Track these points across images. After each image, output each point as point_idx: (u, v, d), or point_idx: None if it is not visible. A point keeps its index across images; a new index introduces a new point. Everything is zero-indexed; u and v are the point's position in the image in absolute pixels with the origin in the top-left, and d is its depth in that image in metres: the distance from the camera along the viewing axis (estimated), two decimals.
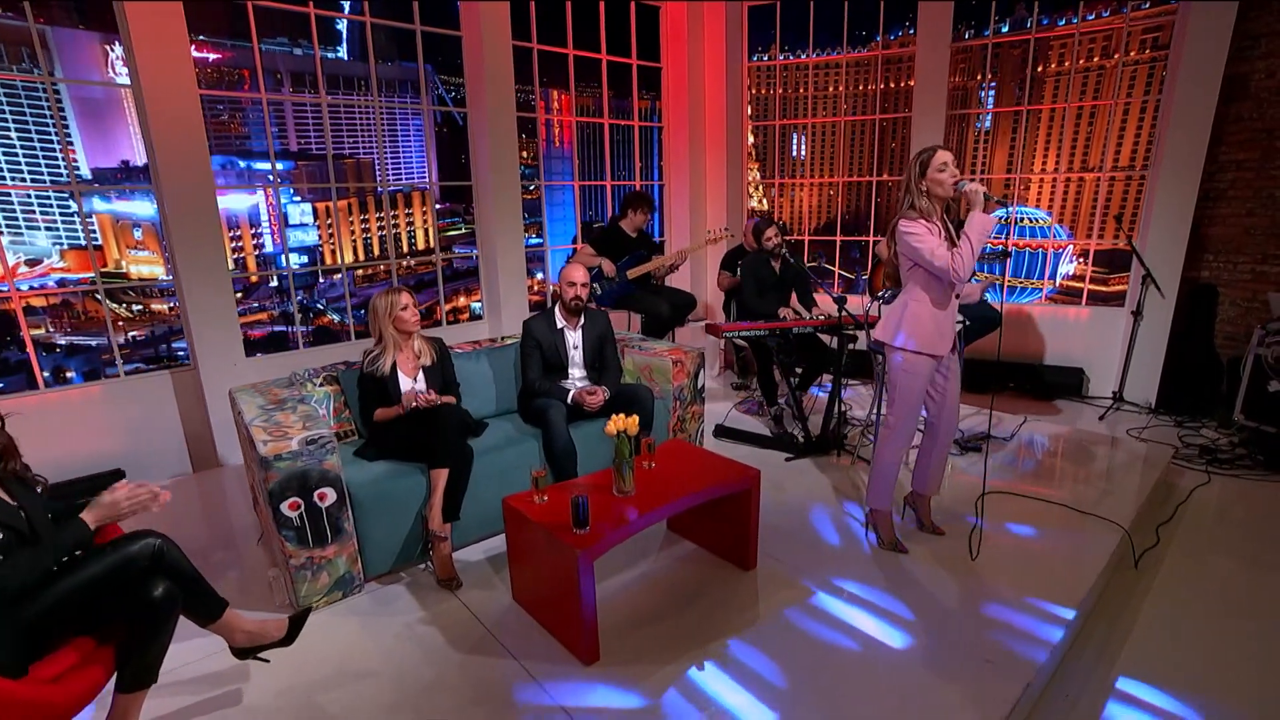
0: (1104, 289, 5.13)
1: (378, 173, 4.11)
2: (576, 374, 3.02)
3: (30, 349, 3.00)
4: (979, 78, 5.42)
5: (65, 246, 3.30)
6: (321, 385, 2.79)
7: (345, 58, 3.97)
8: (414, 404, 2.56)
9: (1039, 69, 5.14)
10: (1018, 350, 5.10)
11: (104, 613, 1.53)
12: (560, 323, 2.98)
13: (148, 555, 1.56)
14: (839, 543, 2.64)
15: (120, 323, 3.73)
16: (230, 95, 3.57)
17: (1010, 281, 5.41)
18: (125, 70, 3.01)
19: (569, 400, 2.85)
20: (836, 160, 6.07)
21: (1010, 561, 2.47)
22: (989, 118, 5.39)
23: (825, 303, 3.97)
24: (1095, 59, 4.82)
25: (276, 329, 4.35)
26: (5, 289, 2.91)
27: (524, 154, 5.30)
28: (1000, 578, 2.36)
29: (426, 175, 4.39)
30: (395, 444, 2.59)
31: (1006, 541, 2.62)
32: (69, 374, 3.40)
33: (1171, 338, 4.50)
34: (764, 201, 6.42)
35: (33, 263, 3.32)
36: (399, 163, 4.53)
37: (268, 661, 1.90)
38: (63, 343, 3.36)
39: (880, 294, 4.08)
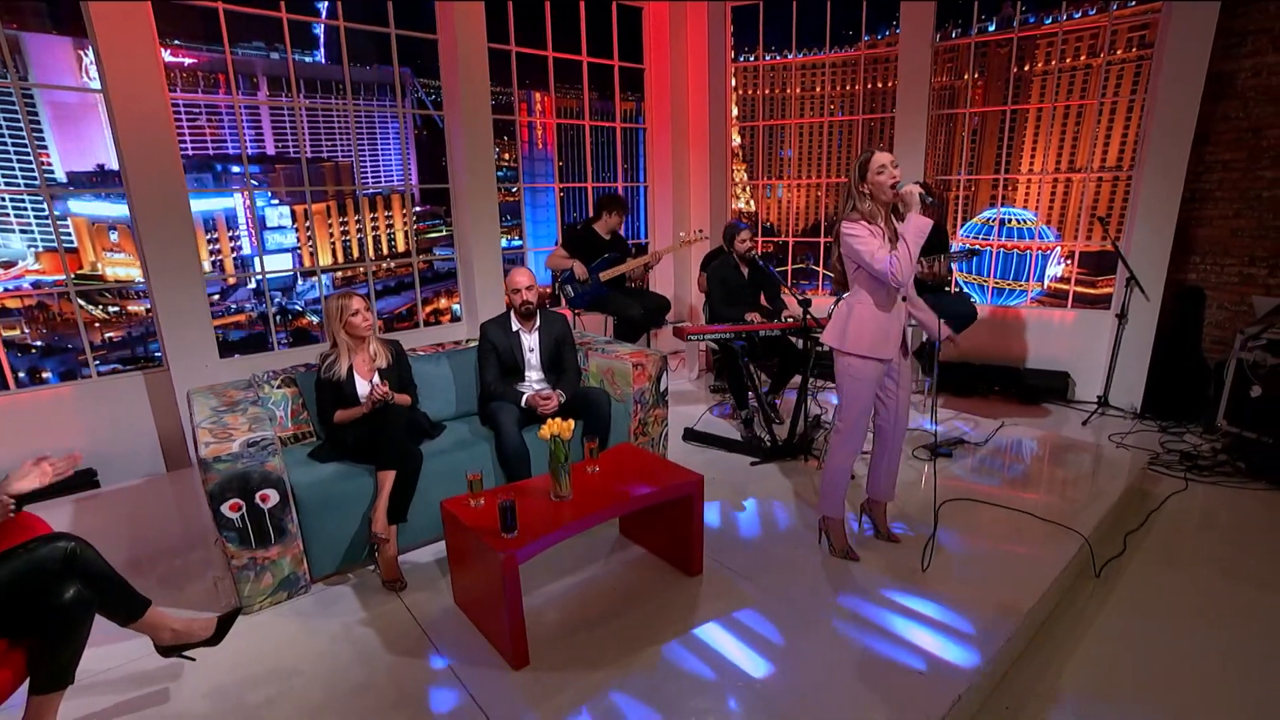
0: (1091, 291, 5.05)
1: (356, 176, 4.15)
2: (534, 376, 3.02)
3: None
4: (966, 77, 5.36)
5: (40, 249, 3.36)
6: (279, 387, 2.81)
7: (323, 61, 4.00)
8: (376, 398, 2.57)
9: (1025, 68, 5.07)
10: (1003, 353, 5.03)
11: (14, 616, 1.55)
12: (515, 326, 2.98)
13: (58, 559, 1.58)
14: (790, 549, 2.62)
15: (97, 324, 3.79)
16: (201, 99, 3.60)
17: (997, 283, 5.34)
18: (98, 75, 3.07)
19: (523, 403, 2.85)
20: (824, 161, 6.03)
21: (962, 571, 2.43)
22: (977, 117, 5.32)
23: (795, 305, 3.94)
24: (1082, 58, 4.74)
25: (256, 330, 4.38)
26: None
27: (505, 156, 5.32)
28: (948, 588, 2.32)
29: (403, 178, 4.42)
30: (350, 445, 2.61)
31: (962, 550, 2.58)
32: (45, 374, 3.46)
33: (1158, 341, 4.42)
34: (751, 203, 6.39)
35: (7, 265, 3.37)
36: (379, 165, 4.56)
37: (193, 660, 1.92)
38: (39, 344, 3.43)
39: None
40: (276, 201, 4.01)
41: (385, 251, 4.59)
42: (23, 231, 3.37)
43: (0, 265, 3.33)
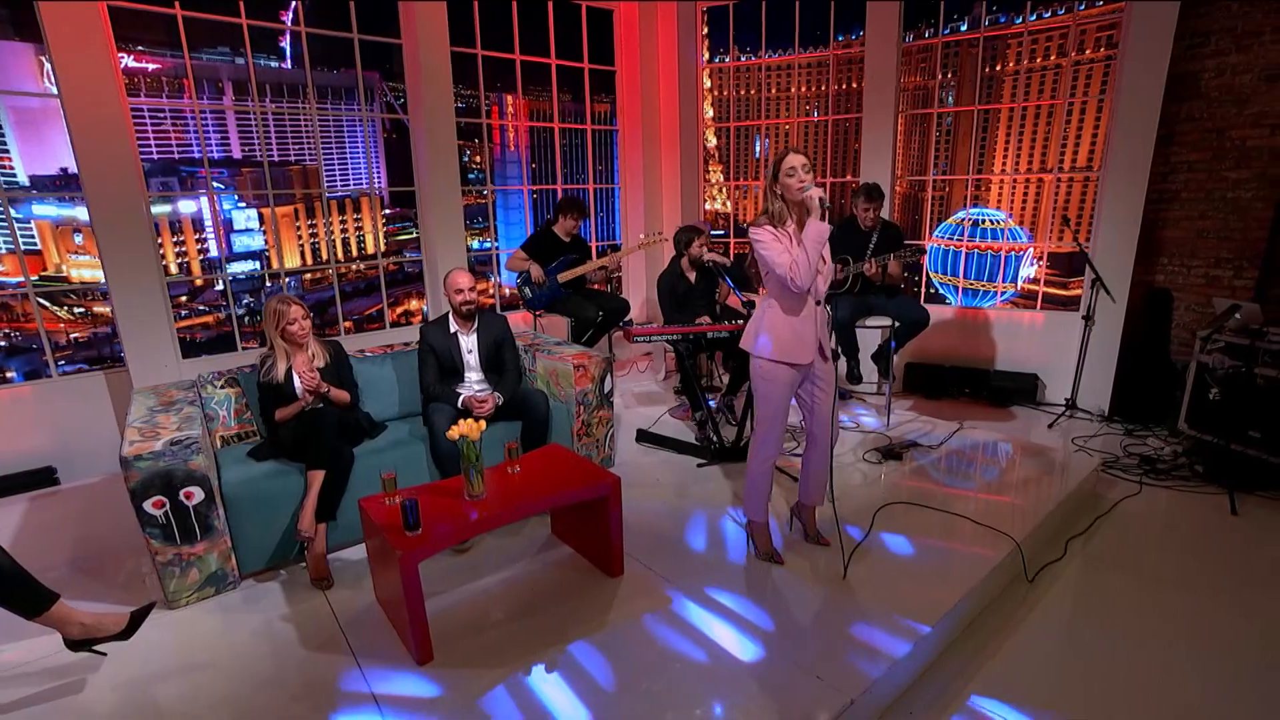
0: (1063, 293, 5.01)
1: (323, 179, 4.22)
2: (473, 377, 3.05)
3: None
4: (939, 77, 5.34)
5: (2, 251, 3.45)
6: (222, 388, 2.87)
7: (289, 66, 4.06)
8: (309, 388, 2.62)
9: (998, 68, 5.04)
10: (973, 355, 5.00)
11: None
12: (454, 328, 3.01)
13: None
14: (719, 552, 2.63)
15: (62, 325, 3.88)
16: (166, 104, 3.68)
17: (970, 284, 5.30)
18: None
19: (460, 404, 2.89)
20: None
21: (886, 575, 2.43)
22: (950, 118, 5.29)
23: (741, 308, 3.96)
24: (1052, 58, 4.71)
25: (225, 331, 4.46)
26: None
27: (476, 159, 5.37)
28: (869, 592, 2.32)
29: (375, 181, 4.47)
30: (289, 444, 2.65)
31: (890, 554, 2.57)
32: (10, 374, 3.54)
33: (1127, 343, 4.38)
34: (728, 204, 6.40)
35: None
36: (348, 168, 4.62)
37: (104, 654, 1.97)
38: (2, 344, 3.52)
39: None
40: (244, 204, 4.08)
41: (355, 253, 4.63)
42: None
43: None
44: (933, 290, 5.54)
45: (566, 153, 5.66)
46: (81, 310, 3.89)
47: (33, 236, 3.56)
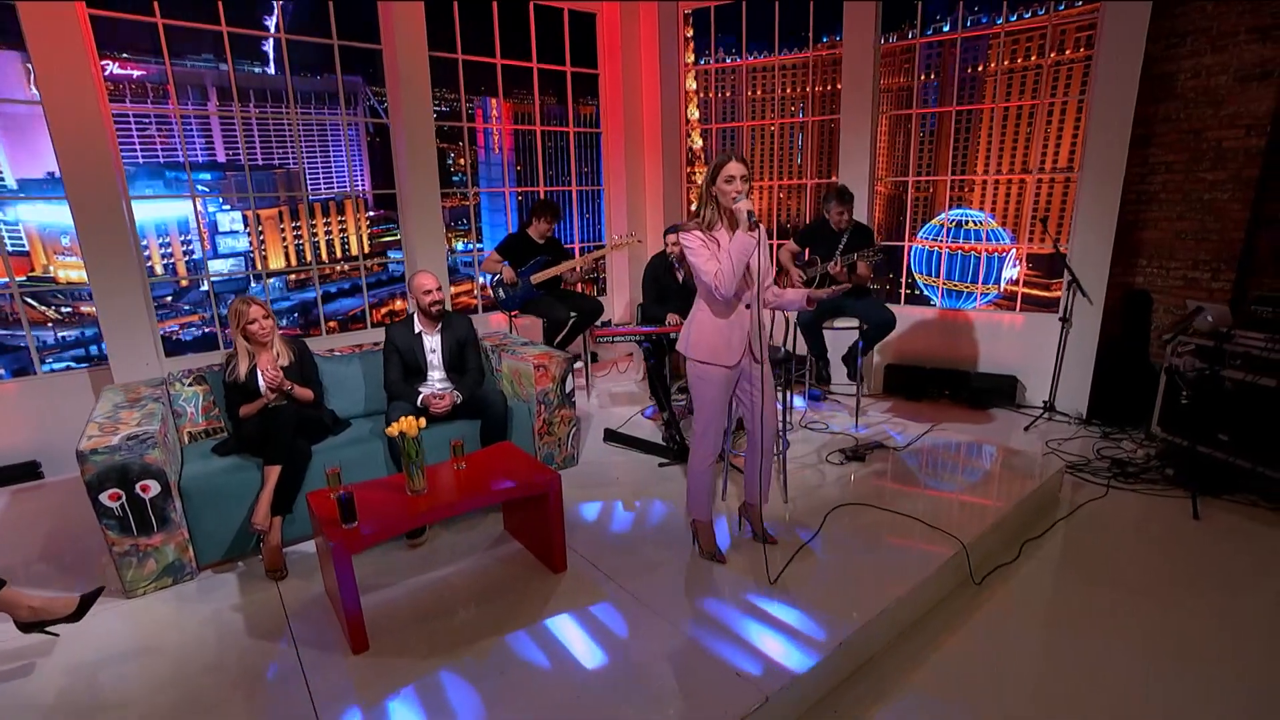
0: (1045, 294, 4.97)
1: (306, 182, 4.32)
2: (436, 376, 3.12)
3: None
4: (922, 78, 5.33)
5: None
6: (190, 385, 2.96)
7: (272, 71, 4.16)
8: (270, 384, 2.70)
9: (980, 68, 5.02)
10: (953, 357, 4.98)
11: None
12: (419, 328, 3.08)
13: None
14: (664, 550, 2.66)
15: (49, 324, 4.02)
16: (151, 110, 3.80)
17: (952, 285, 5.29)
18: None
19: (419, 403, 2.95)
20: (787, 163, 6.04)
21: (826, 575, 2.45)
22: (934, 119, 5.28)
23: None
24: (1033, 58, 4.68)
25: (210, 330, 4.58)
26: None
27: (461, 162, 5.45)
28: (805, 591, 2.34)
29: (359, 183, 4.56)
30: (251, 440, 2.74)
31: (835, 555, 2.59)
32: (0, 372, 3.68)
33: (1105, 346, 4.34)
34: None
35: None
36: (332, 171, 4.72)
37: (56, 635, 2.06)
38: None
39: None
40: (228, 207, 4.18)
41: (340, 254, 4.73)
42: None
43: None
44: (916, 291, 5.53)
45: (552, 155, 5.73)
46: (69, 310, 4.02)
47: (20, 238, 3.68)
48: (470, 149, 5.18)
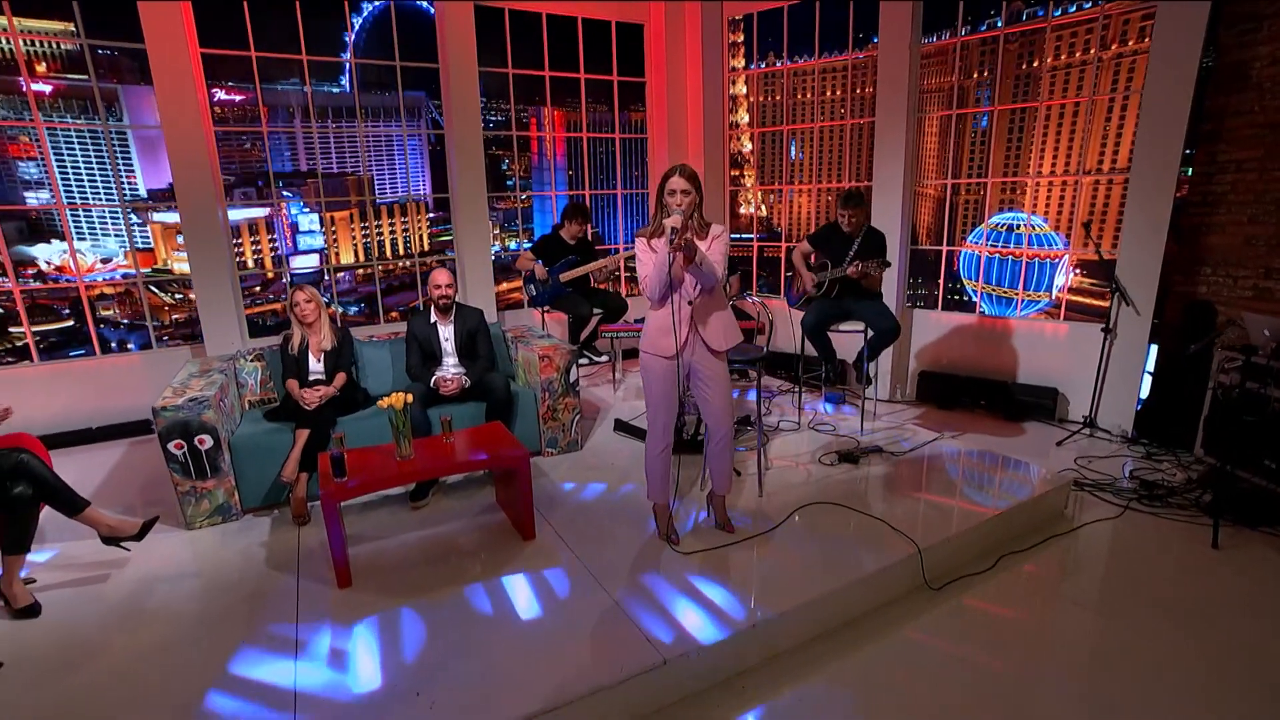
0: (1100, 304, 4.63)
1: (374, 187, 4.91)
2: (449, 362, 3.50)
3: (90, 324, 4.10)
4: (975, 76, 5.11)
5: (127, 249, 4.41)
6: (251, 361, 3.54)
7: (347, 90, 4.78)
8: (311, 403, 3.17)
9: (1035, 64, 4.76)
10: (992, 366, 4.78)
11: None
12: (434, 318, 3.48)
13: (10, 465, 2.28)
14: (630, 530, 2.85)
15: (166, 308, 4.86)
16: (242, 130, 4.52)
17: (996, 291, 5.04)
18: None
19: (432, 384, 3.35)
20: (834, 165, 5.98)
21: (771, 564, 2.54)
22: (986, 118, 5.05)
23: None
24: (1092, 50, 4.38)
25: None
26: (73, 280, 4.08)
27: (515, 167, 5.90)
28: (743, 576, 2.47)
29: (421, 187, 5.15)
30: (291, 410, 3.24)
31: (789, 547, 2.66)
32: (130, 346, 4.52)
33: (1163, 360, 4.02)
34: (763, 207, 6.47)
35: (105, 260, 4.46)
36: (398, 177, 5.32)
37: (128, 551, 2.61)
38: (125, 321, 4.50)
39: (797, 301, 4.14)
40: (308, 209, 4.84)
41: (402, 251, 5.32)
42: (115, 235, 4.43)
43: (101, 260, 4.42)
44: (965, 298, 5.31)
45: (603, 159, 6.04)
46: (181, 297, 4.84)
47: (148, 238, 4.52)
48: (523, 155, 5.60)
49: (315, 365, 3.32)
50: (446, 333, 3.48)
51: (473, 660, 2.03)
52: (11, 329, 4.31)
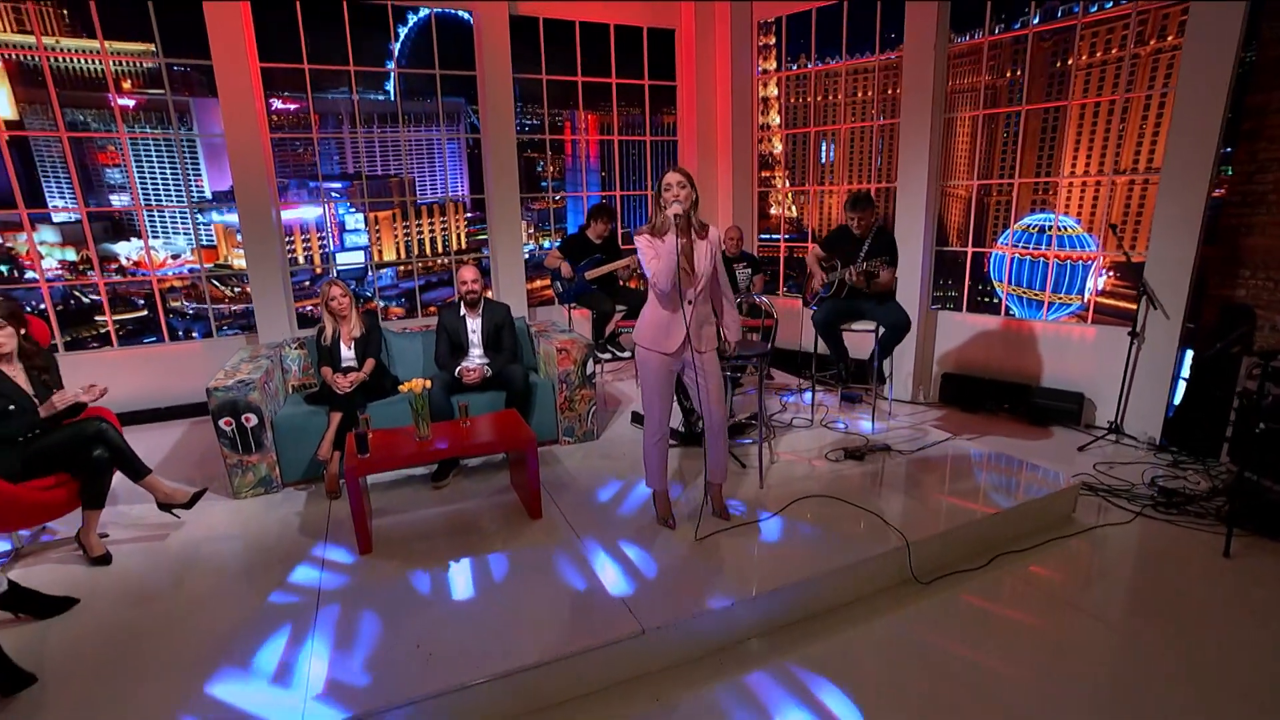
0: (1132, 306, 4.50)
1: (415, 188, 5.23)
2: (476, 353, 3.74)
3: (160, 314, 4.54)
4: (1008, 75, 5.03)
5: (194, 245, 4.86)
6: (296, 349, 3.86)
7: (392, 98, 5.11)
8: (345, 388, 3.46)
9: (1069, 62, 4.66)
10: (1017, 370, 4.70)
11: (71, 461, 2.62)
12: (462, 312, 3.72)
13: (91, 432, 2.62)
14: (632, 514, 3.00)
15: (226, 299, 5.32)
16: (297, 136, 4.90)
17: (1026, 293, 4.95)
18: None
19: (456, 374, 3.59)
20: (865, 166, 5.98)
21: (760, 551, 2.65)
22: (1019, 117, 4.96)
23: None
24: (1129, 46, 4.26)
25: None
26: (147, 274, 4.54)
27: (550, 169, 6.14)
28: (731, 559, 2.58)
29: (460, 188, 5.46)
30: (327, 394, 3.54)
31: (779, 536, 2.75)
32: (194, 334, 4.97)
33: (1200, 365, 3.89)
34: (794, 208, 6.51)
35: (175, 256, 4.93)
36: (438, 179, 5.64)
37: (178, 517, 2.93)
38: (191, 310, 4.97)
39: (811, 301, 4.21)
40: (354, 209, 5.20)
41: (441, 249, 5.63)
42: (184, 234, 4.89)
43: (171, 256, 4.88)
44: (995, 300, 5.24)
45: (636, 161, 6.22)
46: (238, 290, 5.29)
47: (212, 236, 4.95)
48: (557, 157, 5.83)
49: (347, 353, 3.60)
50: (473, 325, 3.71)
51: (470, 620, 2.23)
52: (96, 317, 4.82)
